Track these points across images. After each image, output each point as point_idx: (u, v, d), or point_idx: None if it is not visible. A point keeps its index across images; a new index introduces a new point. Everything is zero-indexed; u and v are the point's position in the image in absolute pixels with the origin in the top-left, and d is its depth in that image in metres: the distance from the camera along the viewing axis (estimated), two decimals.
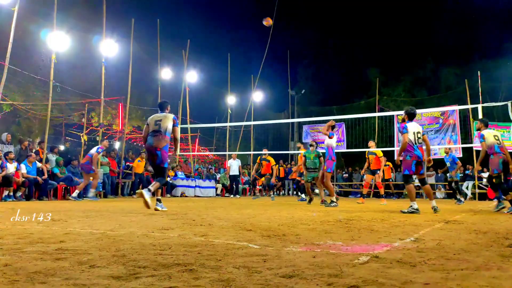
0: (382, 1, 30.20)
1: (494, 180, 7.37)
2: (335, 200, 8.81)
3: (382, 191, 11.56)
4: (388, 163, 15.99)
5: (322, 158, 9.87)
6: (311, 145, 10.23)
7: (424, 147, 7.00)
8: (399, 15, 28.86)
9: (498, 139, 7.39)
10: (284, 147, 23.17)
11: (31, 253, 2.32)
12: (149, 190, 5.97)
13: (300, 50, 32.85)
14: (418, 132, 6.84)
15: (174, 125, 6.50)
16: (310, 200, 10.09)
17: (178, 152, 7.86)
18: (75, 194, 10.27)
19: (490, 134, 7.51)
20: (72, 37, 13.88)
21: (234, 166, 15.42)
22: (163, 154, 6.35)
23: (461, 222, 4.81)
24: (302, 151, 11.21)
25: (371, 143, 11.35)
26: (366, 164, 11.11)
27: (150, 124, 6.58)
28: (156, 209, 6.15)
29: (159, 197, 6.90)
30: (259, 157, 13.04)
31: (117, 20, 18.27)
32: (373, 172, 10.99)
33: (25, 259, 2.14)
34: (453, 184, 12.79)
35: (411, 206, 6.57)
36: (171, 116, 6.62)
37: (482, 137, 7.54)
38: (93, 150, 10.51)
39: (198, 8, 36.31)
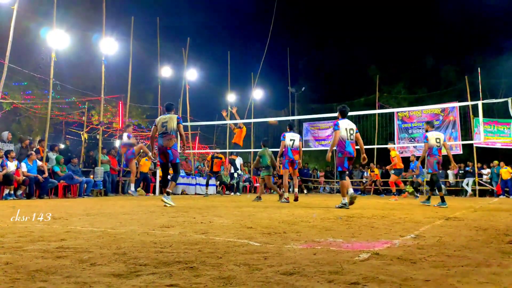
0: None
1: (433, 178, 8.44)
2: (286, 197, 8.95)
3: (393, 189, 13.03)
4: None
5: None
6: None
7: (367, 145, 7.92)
8: (399, 12, 28.84)
9: (439, 142, 8.21)
10: None
11: (32, 251, 2.33)
12: (168, 193, 6.94)
13: (300, 47, 32.87)
14: (351, 129, 7.09)
15: (178, 123, 7.18)
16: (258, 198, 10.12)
17: (186, 149, 8.23)
18: (132, 188, 10.28)
19: (433, 137, 8.24)
20: (72, 35, 13.87)
21: (236, 164, 15.53)
22: (174, 152, 7.12)
23: (461, 219, 4.82)
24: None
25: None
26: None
27: (158, 126, 7.28)
28: (162, 201, 6.78)
29: (169, 190, 7.11)
30: (210, 155, 13.66)
31: (117, 18, 18.28)
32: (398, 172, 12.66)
33: (26, 257, 2.15)
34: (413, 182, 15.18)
35: (342, 201, 6.86)
36: (175, 116, 7.27)
37: (425, 139, 8.31)
38: (128, 139, 10.51)
39: (198, 6, 36.27)
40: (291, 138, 9.18)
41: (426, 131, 8.53)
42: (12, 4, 10.60)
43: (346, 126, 7.06)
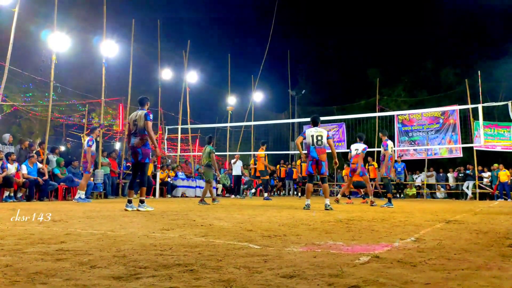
0: (382, 1, 30.26)
1: (384, 182, 9.80)
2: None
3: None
4: (373, 163, 16.47)
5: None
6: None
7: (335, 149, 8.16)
8: (399, 15, 28.89)
9: (393, 150, 9.45)
10: (284, 148, 23.16)
11: (32, 253, 2.33)
12: (142, 201, 6.51)
13: (300, 50, 32.90)
14: (319, 135, 7.65)
15: (145, 120, 6.61)
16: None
17: (159, 151, 7.66)
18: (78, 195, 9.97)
19: (391, 145, 9.47)
20: (73, 37, 13.90)
21: (237, 166, 15.45)
22: (143, 151, 6.64)
23: (461, 222, 4.81)
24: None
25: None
26: None
27: (130, 124, 6.89)
28: (126, 210, 6.31)
29: (142, 198, 6.63)
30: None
31: (117, 20, 18.35)
32: None
33: (26, 259, 2.14)
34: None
35: (307, 202, 7.55)
36: (144, 112, 6.72)
37: (386, 146, 9.29)
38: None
39: (198, 9, 36.35)
40: (314, 135, 7.86)
41: (381, 139, 9.64)
42: (13, 6, 10.62)
43: (313, 133, 7.66)
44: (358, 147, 10.22)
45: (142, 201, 6.54)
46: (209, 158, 9.85)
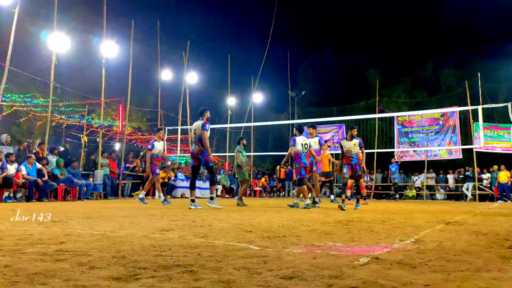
0: (382, 2, 30.27)
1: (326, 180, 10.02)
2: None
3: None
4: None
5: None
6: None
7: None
8: (399, 16, 28.92)
9: (306, 148, 8.81)
10: (284, 148, 23.15)
11: (31, 254, 2.32)
12: (212, 198, 7.67)
13: (300, 51, 32.91)
14: (306, 144, 8.48)
15: (202, 130, 7.44)
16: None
17: (212, 158, 8.00)
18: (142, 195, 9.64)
19: (299, 142, 8.83)
20: (73, 38, 13.92)
21: None
22: (204, 157, 7.52)
23: (461, 223, 4.81)
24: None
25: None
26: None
27: (191, 132, 7.81)
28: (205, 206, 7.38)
29: (212, 196, 7.71)
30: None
31: (117, 21, 18.35)
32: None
33: (25, 260, 2.14)
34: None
35: (305, 202, 8.18)
36: (201, 123, 7.52)
37: (294, 142, 8.88)
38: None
39: (198, 9, 36.39)
40: (303, 143, 8.57)
41: (311, 134, 9.53)
42: (13, 7, 10.63)
43: (302, 142, 8.43)
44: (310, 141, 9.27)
45: (211, 198, 7.58)
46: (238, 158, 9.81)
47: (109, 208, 7.35)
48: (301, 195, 8.39)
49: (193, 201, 7.44)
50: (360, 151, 8.18)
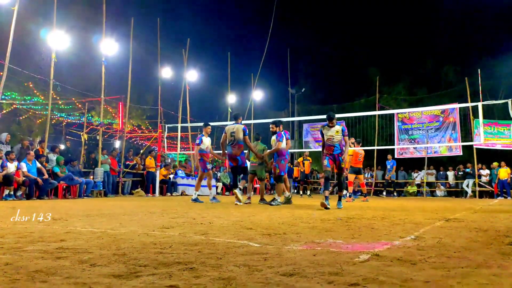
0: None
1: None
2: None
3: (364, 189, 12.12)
4: (308, 157, 16.65)
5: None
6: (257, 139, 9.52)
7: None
8: (399, 13, 28.86)
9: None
10: None
11: (32, 252, 2.33)
12: (240, 188, 7.97)
13: (300, 48, 32.87)
14: (288, 140, 8.48)
15: (244, 135, 8.03)
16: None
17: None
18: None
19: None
20: (72, 36, 13.88)
21: None
22: (242, 158, 8.20)
23: (461, 220, 4.81)
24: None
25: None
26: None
27: (227, 134, 8.20)
28: (235, 193, 7.82)
29: (240, 186, 8.12)
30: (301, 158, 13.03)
31: (117, 19, 18.32)
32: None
33: (26, 258, 2.14)
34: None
35: (285, 196, 8.40)
36: (242, 127, 8.06)
37: (281, 138, 8.47)
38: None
39: (198, 7, 36.30)
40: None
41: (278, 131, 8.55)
42: (13, 4, 10.60)
43: (287, 138, 8.43)
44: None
45: (240, 189, 8.00)
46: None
47: (109, 205, 7.36)
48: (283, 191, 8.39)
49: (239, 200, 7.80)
50: (343, 139, 7.12)
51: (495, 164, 16.78)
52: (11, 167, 9.72)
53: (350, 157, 10.91)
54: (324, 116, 7.51)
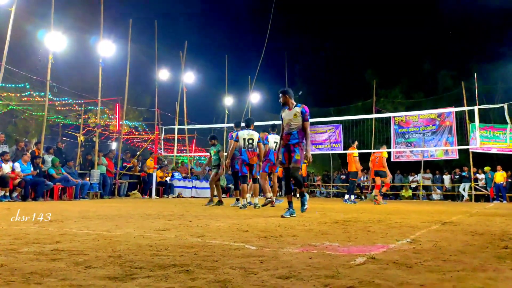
0: (379, 3, 30.34)
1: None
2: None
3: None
4: (305, 160, 16.66)
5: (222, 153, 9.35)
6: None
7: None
8: (396, 17, 28.97)
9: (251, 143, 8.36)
10: None
11: (27, 253, 2.31)
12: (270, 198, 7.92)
13: (297, 51, 32.90)
14: (250, 139, 7.93)
15: (258, 142, 7.92)
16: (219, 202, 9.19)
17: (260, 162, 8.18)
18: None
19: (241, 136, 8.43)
20: (69, 37, 13.84)
21: None
22: (257, 167, 8.06)
23: (457, 223, 4.83)
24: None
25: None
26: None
27: (240, 140, 7.91)
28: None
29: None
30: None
31: (114, 20, 18.32)
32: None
33: (21, 259, 2.13)
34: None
35: (243, 202, 7.74)
36: (257, 135, 7.95)
37: (266, 140, 8.48)
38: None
39: (195, 9, 36.32)
40: (246, 137, 8.04)
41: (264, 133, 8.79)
42: (10, 5, 10.58)
43: (245, 136, 7.93)
44: (277, 139, 8.33)
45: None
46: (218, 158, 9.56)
47: (105, 207, 7.33)
48: (267, 192, 7.90)
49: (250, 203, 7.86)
50: (302, 125, 5.61)
51: (486, 168, 16.90)
52: (6, 168, 9.67)
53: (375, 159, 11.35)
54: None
